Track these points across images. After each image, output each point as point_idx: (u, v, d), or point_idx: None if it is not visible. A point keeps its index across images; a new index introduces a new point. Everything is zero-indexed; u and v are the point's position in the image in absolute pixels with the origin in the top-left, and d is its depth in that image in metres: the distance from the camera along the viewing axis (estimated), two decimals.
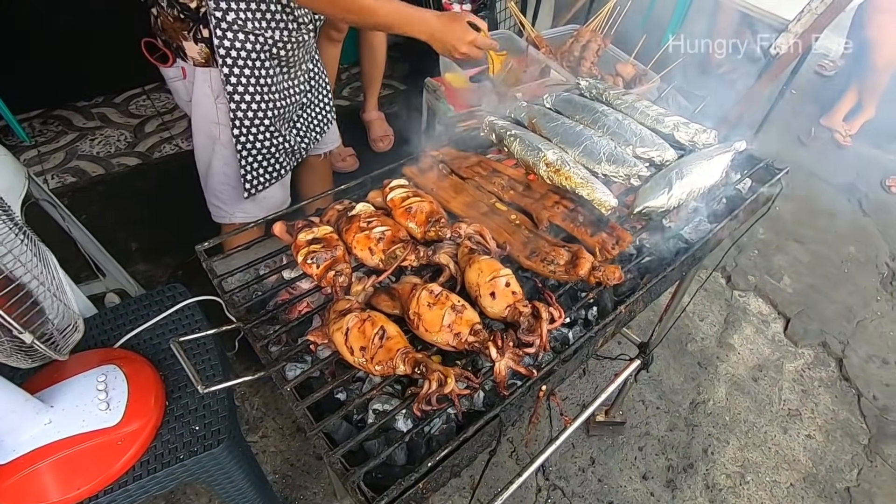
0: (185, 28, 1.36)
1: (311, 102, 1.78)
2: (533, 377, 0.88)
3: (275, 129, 1.57)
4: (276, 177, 1.67)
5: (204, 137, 1.56)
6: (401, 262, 1.01)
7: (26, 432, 1.15)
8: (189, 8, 1.33)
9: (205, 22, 1.33)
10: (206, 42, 1.37)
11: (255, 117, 1.50)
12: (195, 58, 1.40)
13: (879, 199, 3.47)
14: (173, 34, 1.38)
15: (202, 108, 1.49)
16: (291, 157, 1.73)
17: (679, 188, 1.17)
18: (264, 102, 1.49)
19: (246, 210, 1.70)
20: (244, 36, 1.36)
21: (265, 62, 1.43)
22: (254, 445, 2.07)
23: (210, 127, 1.52)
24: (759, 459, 2.22)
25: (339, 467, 0.76)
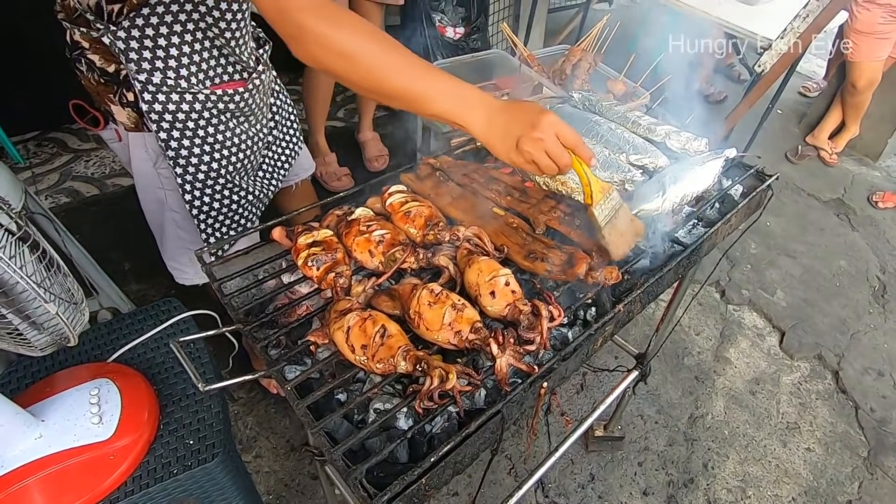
0: (110, 91, 1.23)
1: (276, 139, 1.63)
2: (534, 373, 0.87)
3: (233, 184, 1.44)
4: (241, 230, 1.52)
5: (151, 203, 1.46)
6: (400, 265, 1.01)
7: (16, 447, 1.13)
8: (108, 72, 1.20)
9: (128, 85, 1.20)
10: (132, 106, 1.24)
11: (208, 178, 1.36)
12: (125, 122, 1.27)
13: (867, 214, 3.53)
14: (98, 98, 1.27)
15: (143, 174, 1.38)
16: (258, 205, 1.60)
17: (673, 192, 1.20)
18: (216, 161, 1.35)
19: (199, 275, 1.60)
20: (178, 96, 1.21)
21: (211, 119, 1.28)
22: (247, 465, 2.03)
23: (155, 192, 1.42)
24: (760, 473, 2.20)
25: (340, 464, 0.75)
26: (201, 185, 1.36)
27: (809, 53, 4.37)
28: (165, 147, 1.26)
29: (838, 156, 3.89)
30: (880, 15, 3.19)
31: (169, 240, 1.55)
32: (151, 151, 1.33)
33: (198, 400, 1.31)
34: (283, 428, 2.15)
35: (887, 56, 3.38)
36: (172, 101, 1.20)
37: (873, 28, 3.24)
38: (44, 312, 0.95)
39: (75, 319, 1.09)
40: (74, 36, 1.18)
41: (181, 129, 1.25)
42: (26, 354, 1.04)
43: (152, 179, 1.39)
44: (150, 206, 1.47)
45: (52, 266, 1.00)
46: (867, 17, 3.22)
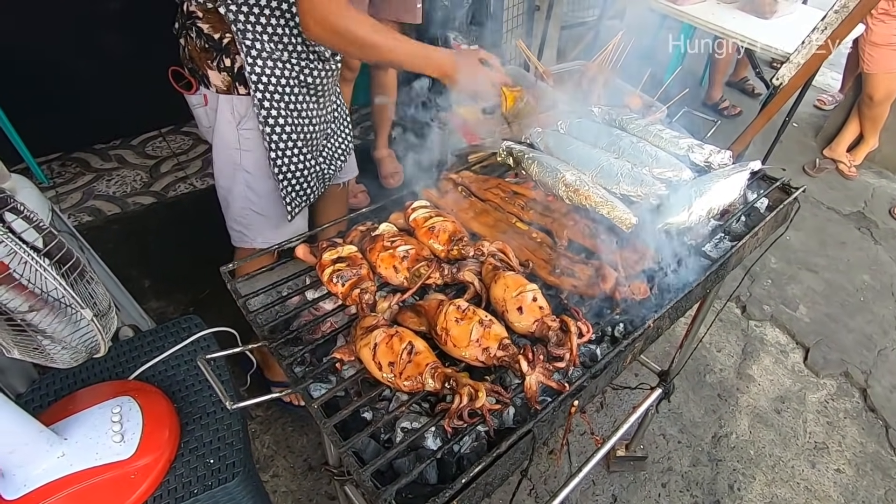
0: (210, 57, 1.41)
1: (334, 132, 1.82)
2: (565, 391, 0.85)
3: (307, 152, 1.61)
4: (307, 200, 1.70)
5: (225, 163, 1.58)
6: (425, 280, 1.00)
7: (39, 466, 1.13)
8: (213, 39, 1.39)
9: (227, 52, 1.40)
10: (228, 71, 1.42)
11: (290, 140, 1.54)
12: (218, 85, 1.45)
13: (889, 227, 3.47)
14: (199, 63, 1.44)
15: (224, 134, 1.53)
16: (321, 183, 1.76)
17: (699, 205, 1.18)
18: (297, 126, 1.53)
19: (266, 236, 1.71)
20: (272, 63, 1.41)
21: (294, 88, 1.48)
22: (265, 485, 2.01)
23: (231, 153, 1.55)
24: (789, 496, 2.13)
25: (369, 485, 0.73)
26: (283, 147, 1.53)
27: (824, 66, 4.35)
28: (259, 107, 1.44)
29: (857, 168, 3.84)
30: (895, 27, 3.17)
31: (236, 199, 1.65)
32: (237, 113, 1.49)
33: (218, 418, 1.31)
34: (301, 447, 2.13)
35: None
36: (268, 66, 1.40)
37: (889, 40, 3.22)
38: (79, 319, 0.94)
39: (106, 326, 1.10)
40: (190, 6, 1.38)
41: (272, 92, 1.44)
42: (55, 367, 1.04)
43: (232, 140, 1.53)
44: (223, 167, 1.60)
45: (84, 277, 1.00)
46: (882, 29, 3.21)
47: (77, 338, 1.02)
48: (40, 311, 0.93)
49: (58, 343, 1.02)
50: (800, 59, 2.26)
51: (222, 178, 1.63)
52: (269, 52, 1.40)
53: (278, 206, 1.65)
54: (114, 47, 3.20)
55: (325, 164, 1.77)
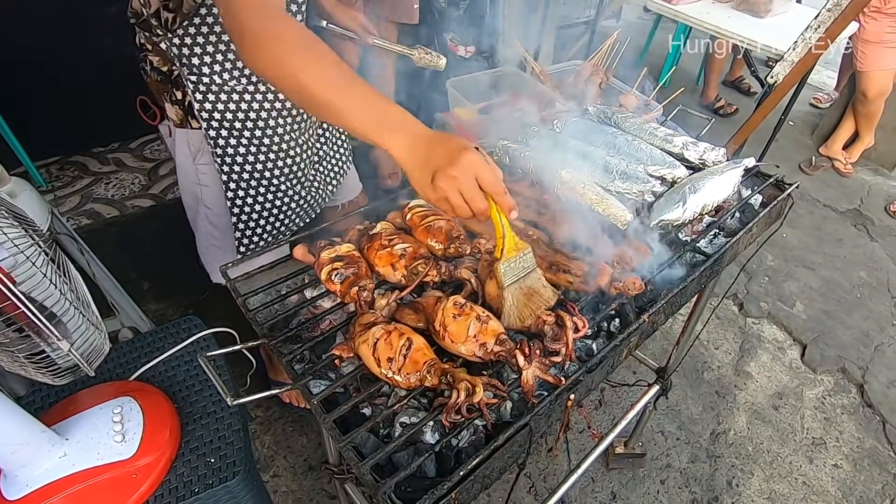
0: (165, 90, 1.35)
1: (325, 155, 1.70)
2: (561, 385, 0.87)
3: (275, 187, 1.49)
4: (277, 237, 1.58)
5: (188, 198, 1.54)
6: (423, 278, 1.02)
7: (41, 466, 1.13)
8: (163, 72, 1.32)
9: (177, 84, 1.32)
10: (179, 104, 1.35)
11: (252, 177, 1.44)
12: (173, 119, 1.39)
13: (885, 224, 3.49)
14: (157, 94, 1.39)
15: (183, 169, 1.48)
16: (301, 216, 1.64)
17: (693, 202, 1.19)
18: (261, 163, 1.43)
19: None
20: (226, 97, 1.31)
21: (257, 121, 1.37)
22: (265, 485, 2.02)
23: (192, 187, 1.50)
24: (787, 491, 2.15)
25: (369, 479, 0.74)
26: (245, 185, 1.43)
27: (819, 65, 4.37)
28: (214, 144, 1.35)
29: (853, 166, 3.86)
30: (888, 24, 3.20)
31: (201, 236, 1.61)
32: (192, 148, 1.42)
33: (218, 418, 1.31)
34: (301, 447, 2.14)
35: None
36: (221, 100, 1.30)
37: (881, 37, 3.24)
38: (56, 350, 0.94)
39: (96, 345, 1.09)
40: (140, 39, 1.31)
41: (229, 127, 1.34)
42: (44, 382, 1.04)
43: (191, 175, 1.47)
44: (187, 201, 1.55)
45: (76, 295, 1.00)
46: (875, 27, 3.23)
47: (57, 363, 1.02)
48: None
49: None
50: (794, 58, 2.27)
51: (189, 213, 1.59)
52: (221, 84, 1.29)
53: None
54: (112, 50, 3.20)
55: (317, 191, 1.65)
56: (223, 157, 1.38)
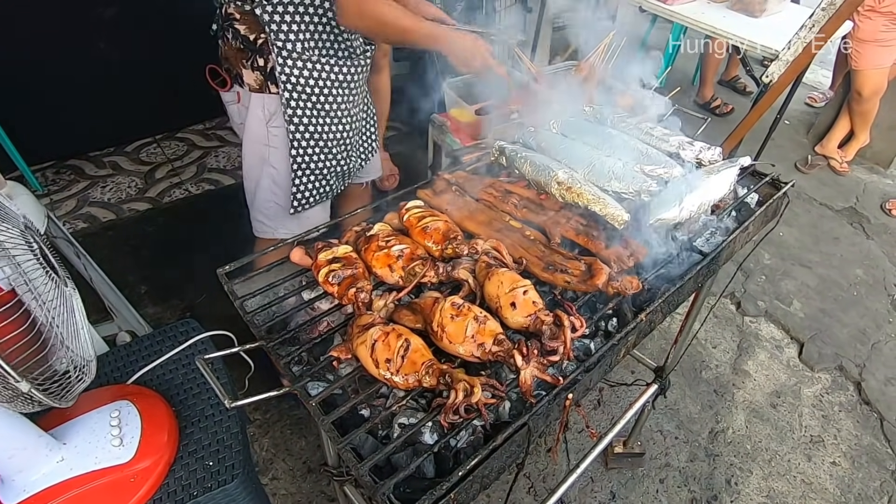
0: (245, 57, 1.49)
1: (361, 129, 1.86)
2: (559, 384, 0.87)
3: (329, 151, 1.66)
4: (324, 196, 1.75)
5: (253, 157, 1.66)
6: (420, 279, 1.01)
7: (38, 471, 1.12)
8: (248, 40, 1.47)
9: (261, 53, 1.47)
10: (261, 70, 1.50)
11: (312, 139, 1.60)
12: (251, 84, 1.52)
13: (881, 222, 3.50)
14: (234, 62, 1.52)
15: (254, 131, 1.60)
16: (342, 180, 1.82)
17: (689, 201, 1.19)
18: (321, 126, 1.60)
19: (288, 227, 1.76)
20: (302, 64, 1.47)
21: (325, 88, 1.55)
22: (264, 488, 2.01)
23: (260, 148, 1.62)
24: (786, 489, 2.15)
25: (367, 480, 0.74)
26: (305, 145, 1.59)
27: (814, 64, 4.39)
28: (286, 105, 1.51)
29: (849, 164, 3.87)
30: (882, 23, 3.21)
31: (262, 191, 1.72)
32: (267, 111, 1.56)
33: (217, 421, 1.31)
34: (300, 449, 2.14)
35: (891, 63, 3.38)
36: (297, 67, 1.47)
37: (875, 36, 3.25)
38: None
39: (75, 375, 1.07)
40: (229, 9, 1.46)
41: (300, 91, 1.51)
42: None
43: (261, 136, 1.60)
44: (251, 161, 1.68)
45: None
46: (869, 26, 3.24)
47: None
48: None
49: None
50: (789, 57, 2.28)
51: (250, 171, 1.70)
52: (300, 52, 1.46)
53: None
54: (107, 55, 3.20)
55: (353, 160, 1.83)
56: (292, 119, 1.53)
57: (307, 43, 1.47)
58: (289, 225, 1.77)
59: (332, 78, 1.55)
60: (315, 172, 1.67)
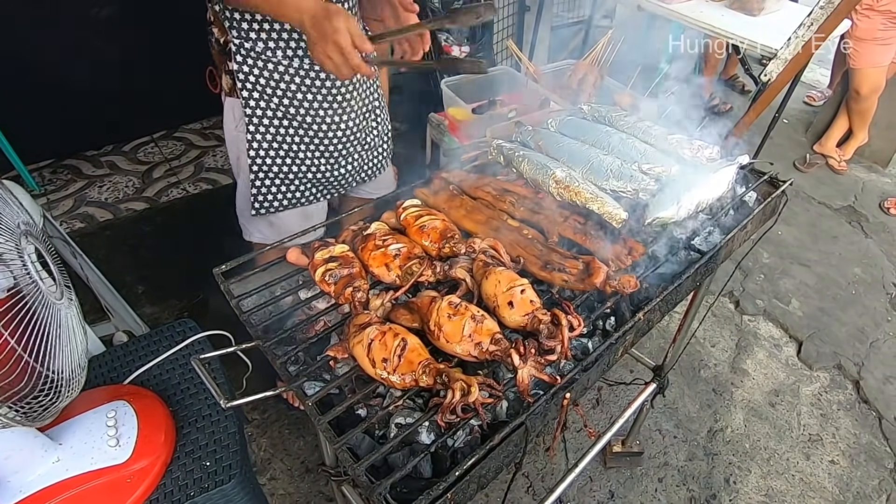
0: (222, 61, 1.47)
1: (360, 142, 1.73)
2: (557, 384, 0.86)
3: (295, 156, 1.58)
4: (293, 202, 1.67)
5: (233, 159, 1.64)
6: (417, 278, 1.01)
7: (34, 471, 1.12)
8: (220, 43, 1.44)
9: (230, 56, 1.43)
10: (230, 74, 1.45)
11: (274, 141, 1.54)
12: (225, 88, 1.50)
13: (880, 220, 3.50)
14: (217, 65, 1.51)
15: (229, 134, 1.58)
16: (321, 189, 1.71)
17: (687, 200, 1.19)
18: (283, 130, 1.53)
19: (261, 231, 1.73)
20: (263, 64, 1.41)
21: (287, 91, 1.47)
22: (262, 488, 2.01)
23: (235, 151, 1.60)
24: (784, 488, 2.15)
25: (364, 480, 0.74)
26: (267, 146, 1.54)
27: (813, 63, 4.38)
28: (244, 105, 1.46)
29: (847, 163, 3.87)
30: (880, 21, 3.21)
31: (240, 196, 1.69)
32: (236, 115, 1.52)
33: (214, 421, 1.31)
34: (298, 449, 2.13)
35: (889, 62, 3.38)
36: (258, 66, 1.41)
37: (873, 35, 3.25)
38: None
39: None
40: (208, 13, 1.44)
41: (261, 91, 1.45)
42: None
43: (234, 139, 1.58)
44: (232, 162, 1.65)
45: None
46: (867, 24, 3.24)
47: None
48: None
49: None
50: (787, 55, 2.28)
51: (233, 172, 1.68)
52: (260, 51, 1.40)
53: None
54: (104, 54, 3.19)
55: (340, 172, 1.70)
56: (251, 119, 1.49)
57: (268, 43, 1.40)
58: (262, 229, 1.72)
59: (298, 81, 1.46)
60: (279, 176, 1.60)
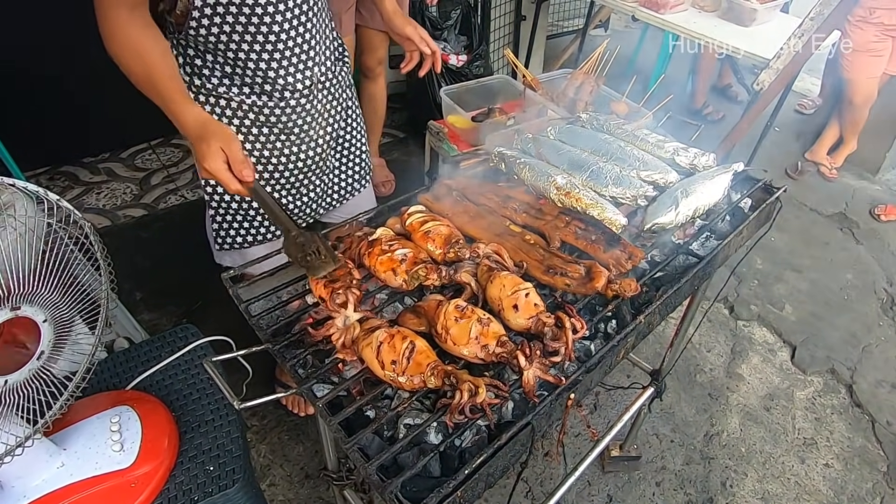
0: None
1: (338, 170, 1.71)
2: (561, 385, 0.88)
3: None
4: (257, 238, 1.61)
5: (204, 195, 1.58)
6: (423, 282, 1.03)
7: (39, 476, 1.12)
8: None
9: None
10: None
11: None
12: None
13: (870, 227, 3.55)
14: None
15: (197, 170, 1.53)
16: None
17: (685, 206, 1.22)
18: None
19: (233, 257, 1.68)
20: (215, 100, 1.36)
21: (241, 126, 1.40)
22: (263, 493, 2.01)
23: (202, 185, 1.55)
24: (780, 491, 2.17)
25: (375, 479, 0.75)
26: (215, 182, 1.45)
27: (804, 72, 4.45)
28: None
29: (838, 171, 3.93)
30: (873, 33, 3.26)
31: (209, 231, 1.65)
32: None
33: (217, 426, 1.31)
34: (297, 455, 2.14)
35: (882, 72, 3.45)
36: (209, 104, 1.36)
37: (867, 46, 3.31)
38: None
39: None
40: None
41: None
42: None
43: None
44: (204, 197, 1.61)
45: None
46: (861, 36, 3.29)
47: None
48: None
49: None
50: (779, 65, 2.33)
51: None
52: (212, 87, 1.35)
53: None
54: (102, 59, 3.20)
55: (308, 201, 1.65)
56: None
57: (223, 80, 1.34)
58: (233, 256, 1.67)
59: (252, 117, 1.39)
60: (240, 213, 1.54)
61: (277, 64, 1.32)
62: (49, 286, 0.97)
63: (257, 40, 1.27)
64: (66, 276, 1.02)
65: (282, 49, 1.30)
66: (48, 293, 0.96)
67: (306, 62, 1.37)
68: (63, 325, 1.02)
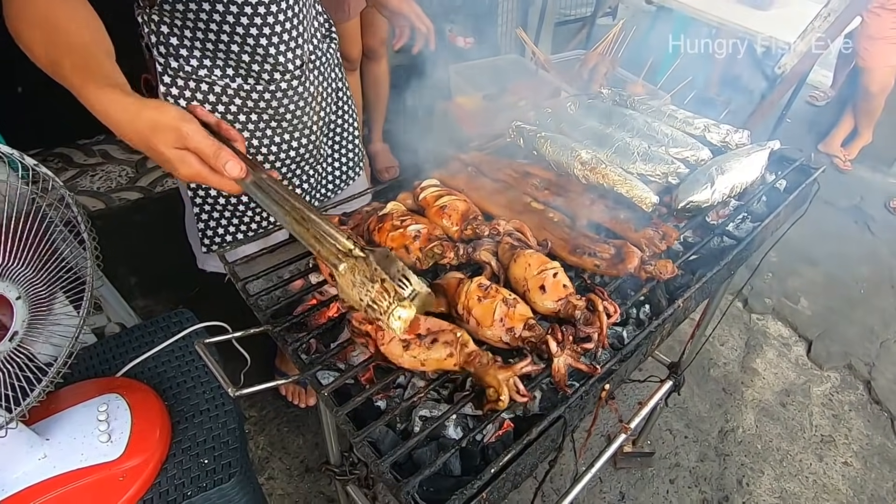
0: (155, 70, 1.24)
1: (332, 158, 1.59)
2: (596, 374, 0.79)
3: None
4: (247, 235, 1.49)
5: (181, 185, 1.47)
6: (439, 261, 0.94)
7: (18, 469, 1.06)
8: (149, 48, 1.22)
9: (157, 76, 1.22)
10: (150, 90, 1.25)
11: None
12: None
13: (886, 220, 3.47)
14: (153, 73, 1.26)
15: None
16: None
17: (721, 183, 1.13)
18: None
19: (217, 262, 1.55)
20: (195, 84, 1.21)
21: (227, 112, 1.26)
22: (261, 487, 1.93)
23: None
24: (798, 490, 2.09)
25: (389, 477, 0.66)
26: None
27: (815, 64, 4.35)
28: None
29: (852, 163, 3.85)
30: (891, 20, 3.18)
31: (188, 221, 1.54)
32: None
33: (212, 416, 1.24)
34: (297, 448, 2.05)
35: None
36: (189, 88, 1.21)
37: (885, 33, 3.22)
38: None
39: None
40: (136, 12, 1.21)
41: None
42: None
43: None
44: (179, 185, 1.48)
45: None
46: (878, 23, 3.21)
47: None
48: None
49: None
50: (802, 47, 2.23)
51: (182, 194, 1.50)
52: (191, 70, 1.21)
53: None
54: None
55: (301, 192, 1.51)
56: None
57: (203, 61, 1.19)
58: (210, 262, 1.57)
59: (239, 103, 1.26)
60: (228, 209, 1.42)
61: (267, 40, 1.16)
62: (23, 260, 0.88)
63: (244, 12, 1.11)
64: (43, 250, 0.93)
65: (271, 23, 1.14)
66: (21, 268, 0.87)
67: (296, 38, 1.21)
68: (40, 304, 0.93)
